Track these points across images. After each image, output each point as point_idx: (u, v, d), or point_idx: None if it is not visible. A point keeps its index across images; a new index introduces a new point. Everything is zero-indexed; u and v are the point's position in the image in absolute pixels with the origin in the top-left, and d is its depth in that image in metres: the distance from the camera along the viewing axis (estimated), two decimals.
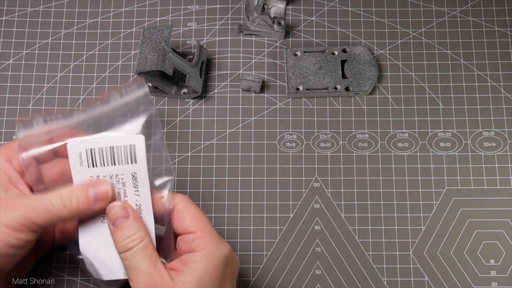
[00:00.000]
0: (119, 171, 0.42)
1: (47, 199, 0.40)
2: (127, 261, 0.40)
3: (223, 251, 0.41)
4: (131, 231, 0.41)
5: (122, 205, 0.41)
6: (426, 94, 0.56)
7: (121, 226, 0.41)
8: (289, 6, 0.59)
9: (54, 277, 0.51)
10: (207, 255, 0.40)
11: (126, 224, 0.41)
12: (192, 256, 0.40)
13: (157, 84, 0.54)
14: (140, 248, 0.40)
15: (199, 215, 0.42)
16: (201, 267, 0.40)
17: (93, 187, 0.41)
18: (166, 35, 0.52)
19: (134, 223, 0.41)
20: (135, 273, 0.39)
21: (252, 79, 0.55)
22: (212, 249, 0.41)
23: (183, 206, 0.42)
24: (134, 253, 0.40)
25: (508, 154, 0.54)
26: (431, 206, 0.53)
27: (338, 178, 0.54)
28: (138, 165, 0.41)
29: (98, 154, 0.41)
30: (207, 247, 0.40)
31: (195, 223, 0.42)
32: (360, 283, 0.51)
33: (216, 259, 0.40)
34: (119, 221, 0.41)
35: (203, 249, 0.40)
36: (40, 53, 0.57)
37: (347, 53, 0.56)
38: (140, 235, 0.41)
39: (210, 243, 0.41)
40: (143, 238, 0.40)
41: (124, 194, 0.42)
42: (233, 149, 0.54)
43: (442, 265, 0.51)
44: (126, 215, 0.41)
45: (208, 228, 0.42)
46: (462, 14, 0.58)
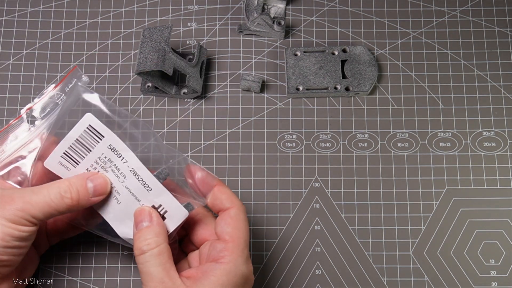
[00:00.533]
0: (98, 152, 0.43)
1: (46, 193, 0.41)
2: (141, 265, 0.40)
3: (245, 272, 0.41)
4: (149, 235, 0.41)
5: (148, 210, 0.42)
6: (426, 94, 0.56)
7: (141, 228, 0.41)
8: (289, 6, 0.59)
9: (54, 277, 0.51)
10: (230, 270, 0.40)
11: (146, 227, 0.41)
12: (213, 267, 0.40)
13: (157, 84, 0.54)
14: (154, 253, 0.40)
15: (242, 230, 0.42)
16: (220, 281, 0.39)
17: (92, 180, 0.42)
18: (166, 35, 0.52)
19: (153, 227, 0.41)
20: (147, 278, 0.39)
21: (252, 79, 0.55)
22: (236, 267, 0.40)
23: (234, 214, 0.42)
24: (147, 257, 0.40)
25: (508, 154, 0.54)
26: (431, 206, 0.53)
27: (338, 178, 0.54)
28: (106, 137, 0.43)
29: (73, 152, 0.43)
30: (231, 262, 0.40)
31: (234, 234, 0.41)
32: (360, 283, 0.51)
33: (237, 277, 0.40)
34: (141, 224, 0.41)
35: (227, 263, 0.40)
36: (40, 53, 0.57)
37: (347, 53, 0.56)
38: (156, 240, 0.40)
39: (237, 260, 0.40)
40: (158, 244, 0.40)
41: (116, 168, 0.43)
42: (233, 149, 0.54)
43: (442, 265, 0.51)
44: (150, 220, 0.41)
45: (242, 245, 0.41)
46: (462, 14, 0.58)
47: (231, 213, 0.42)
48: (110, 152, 0.43)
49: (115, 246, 0.52)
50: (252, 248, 0.52)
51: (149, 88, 0.56)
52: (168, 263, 0.40)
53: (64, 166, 0.43)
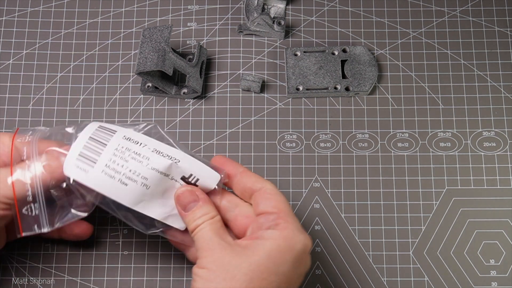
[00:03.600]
0: (114, 144, 0.41)
1: None
2: (197, 236, 0.40)
3: (303, 238, 0.39)
4: (199, 213, 0.41)
5: (190, 190, 0.42)
6: (426, 94, 0.56)
7: (193, 209, 0.41)
8: (289, 6, 0.59)
9: (54, 277, 0.51)
10: (286, 235, 0.39)
11: (198, 206, 0.41)
12: (270, 232, 0.39)
13: (157, 84, 0.54)
14: (208, 223, 0.40)
15: (285, 202, 0.41)
16: (276, 242, 0.38)
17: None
18: (166, 35, 0.52)
19: (204, 204, 0.41)
20: (203, 243, 0.39)
21: (252, 79, 0.55)
22: (293, 233, 0.39)
23: (270, 189, 0.41)
24: (203, 226, 0.40)
25: (508, 154, 0.54)
26: (431, 206, 0.53)
27: (338, 178, 0.54)
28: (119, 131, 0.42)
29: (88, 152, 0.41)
30: (289, 228, 0.39)
31: (280, 207, 0.40)
32: (360, 283, 0.51)
33: (295, 243, 0.39)
34: (190, 205, 0.41)
35: (284, 229, 0.39)
36: (40, 53, 0.57)
37: (347, 53, 0.56)
38: (210, 214, 0.41)
39: (292, 225, 0.39)
40: (213, 216, 0.41)
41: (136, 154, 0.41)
42: (233, 149, 0.54)
43: (442, 265, 0.51)
44: (196, 199, 0.41)
45: (292, 216, 0.40)
46: (462, 14, 0.58)
47: (267, 190, 0.41)
48: (126, 141, 0.41)
49: (115, 246, 0.52)
50: None
51: (149, 88, 0.56)
52: (222, 229, 0.40)
53: (82, 169, 0.41)
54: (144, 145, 0.42)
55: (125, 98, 0.56)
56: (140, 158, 0.41)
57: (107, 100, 0.56)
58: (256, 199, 0.42)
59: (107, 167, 0.41)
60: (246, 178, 0.42)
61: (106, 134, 0.41)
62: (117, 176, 0.41)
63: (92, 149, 0.41)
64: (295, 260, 0.39)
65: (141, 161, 0.41)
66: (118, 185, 0.41)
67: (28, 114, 0.55)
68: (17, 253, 0.51)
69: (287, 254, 0.38)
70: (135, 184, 0.41)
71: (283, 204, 0.41)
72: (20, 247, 0.51)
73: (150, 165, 0.41)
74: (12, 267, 0.51)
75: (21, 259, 0.51)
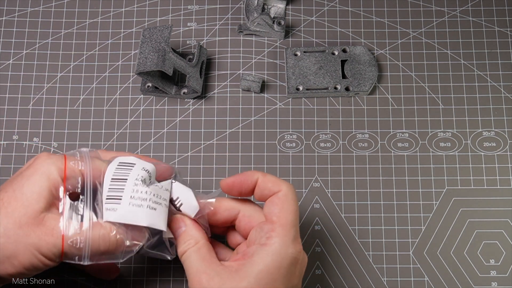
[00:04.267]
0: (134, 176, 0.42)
1: None
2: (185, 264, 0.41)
3: (292, 252, 0.40)
4: (186, 237, 0.42)
5: (179, 217, 0.43)
6: (426, 94, 0.56)
7: (179, 234, 0.42)
8: (289, 6, 0.59)
9: (54, 277, 0.51)
10: (274, 251, 0.39)
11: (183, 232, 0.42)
12: (258, 249, 0.39)
13: (157, 84, 0.54)
14: (194, 249, 0.41)
15: (290, 210, 0.41)
16: (263, 262, 0.38)
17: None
18: (166, 35, 0.52)
19: (188, 229, 0.42)
20: (192, 273, 0.40)
21: (252, 79, 0.55)
22: (281, 247, 0.39)
23: (282, 194, 0.41)
24: (188, 254, 0.41)
25: (508, 154, 0.54)
26: (431, 206, 0.53)
27: (338, 178, 0.54)
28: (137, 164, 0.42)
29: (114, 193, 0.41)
30: (277, 243, 0.39)
31: (280, 215, 0.41)
32: (360, 283, 0.51)
33: (282, 258, 0.39)
34: (178, 230, 0.43)
35: (272, 245, 0.39)
36: (40, 53, 0.57)
37: (347, 53, 0.56)
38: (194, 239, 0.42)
39: (282, 240, 0.39)
40: (197, 241, 0.41)
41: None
42: (233, 149, 0.54)
43: (442, 265, 0.51)
44: (180, 226, 0.43)
45: (288, 226, 0.40)
46: (462, 14, 0.58)
47: (279, 195, 0.41)
48: (144, 172, 0.42)
49: None
50: None
51: (149, 88, 0.56)
52: (208, 255, 0.40)
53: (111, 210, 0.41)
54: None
55: (125, 98, 0.56)
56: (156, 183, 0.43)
57: (107, 100, 0.56)
58: (267, 202, 0.42)
59: (133, 199, 0.41)
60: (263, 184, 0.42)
61: (125, 170, 0.42)
62: (144, 203, 0.41)
63: (116, 188, 0.41)
64: (285, 275, 0.39)
65: (157, 184, 0.42)
66: (148, 211, 0.41)
67: (28, 114, 0.55)
68: None
69: (276, 273, 0.39)
70: (160, 206, 0.42)
71: (286, 212, 0.41)
72: None
73: (164, 187, 0.43)
74: None
75: None
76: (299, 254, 0.41)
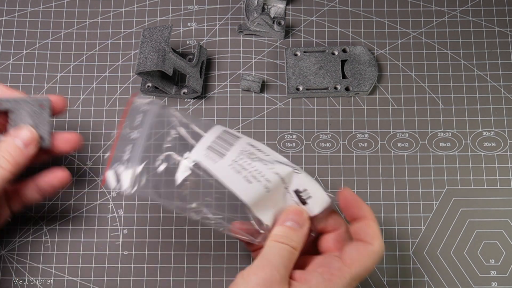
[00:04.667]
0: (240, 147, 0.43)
1: None
2: (268, 249, 0.40)
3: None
4: (294, 236, 0.41)
5: (306, 216, 0.42)
6: (426, 94, 0.56)
7: (291, 227, 0.41)
8: (289, 6, 0.59)
9: (54, 277, 0.51)
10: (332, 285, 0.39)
11: (296, 229, 0.41)
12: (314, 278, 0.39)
13: (157, 84, 0.54)
14: (288, 249, 0.40)
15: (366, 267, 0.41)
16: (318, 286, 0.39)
17: (17, 136, 0.43)
18: (166, 35, 0.52)
19: (302, 232, 0.41)
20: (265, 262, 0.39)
21: (252, 79, 0.55)
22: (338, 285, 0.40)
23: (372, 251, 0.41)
24: (281, 249, 0.40)
25: (508, 154, 0.54)
26: (431, 206, 0.53)
27: (338, 178, 0.54)
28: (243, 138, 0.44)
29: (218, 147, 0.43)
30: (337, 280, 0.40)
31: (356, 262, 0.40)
32: (360, 283, 0.51)
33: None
34: (293, 222, 0.41)
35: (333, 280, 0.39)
36: (40, 53, 0.57)
37: (347, 53, 0.56)
38: (297, 243, 0.41)
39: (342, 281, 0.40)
40: (296, 247, 0.41)
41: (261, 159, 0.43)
42: None
43: (442, 265, 0.51)
44: (300, 223, 0.42)
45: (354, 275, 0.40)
46: (462, 14, 0.58)
47: (369, 249, 0.41)
48: (251, 147, 0.43)
49: (115, 246, 0.52)
50: None
51: (149, 88, 0.56)
52: (289, 266, 0.40)
53: (211, 159, 0.42)
54: (268, 154, 0.43)
55: (125, 98, 0.56)
56: (265, 162, 0.43)
57: (107, 100, 0.56)
58: (355, 243, 0.42)
59: (235, 162, 0.42)
60: (366, 227, 0.42)
61: (232, 138, 0.43)
62: (243, 172, 0.42)
63: (221, 145, 0.43)
64: None
65: (266, 164, 0.42)
66: (243, 181, 0.42)
67: None
68: (17, 253, 0.51)
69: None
70: (259, 183, 0.42)
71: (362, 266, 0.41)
72: (20, 247, 0.51)
73: (274, 169, 0.42)
74: (12, 267, 0.51)
75: (21, 259, 0.51)
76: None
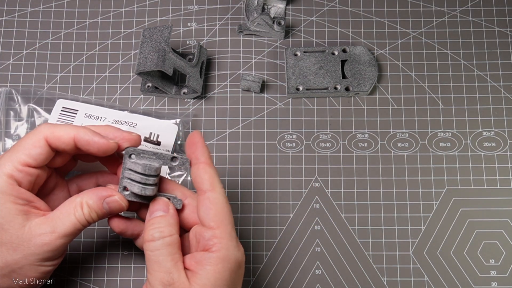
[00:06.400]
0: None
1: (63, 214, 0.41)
2: (149, 252, 0.40)
3: (237, 255, 0.40)
4: (162, 223, 0.41)
5: (165, 201, 0.42)
6: (426, 94, 0.56)
7: (155, 216, 0.41)
8: (289, 6, 0.59)
9: (54, 277, 0.51)
10: (223, 257, 0.40)
11: (160, 216, 0.41)
12: (207, 257, 0.40)
13: (157, 84, 0.54)
14: (166, 242, 0.40)
15: (225, 213, 0.41)
16: (215, 269, 0.39)
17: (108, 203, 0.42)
18: (166, 35, 0.52)
19: (168, 217, 0.41)
20: (154, 266, 0.39)
21: (252, 79, 0.55)
22: (228, 252, 0.40)
23: (214, 197, 0.41)
24: (159, 245, 0.40)
25: (508, 154, 0.54)
26: (431, 206, 0.53)
27: (338, 178, 0.54)
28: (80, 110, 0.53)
29: None
30: (223, 249, 0.40)
31: (218, 219, 0.41)
32: (360, 283, 0.51)
33: (231, 262, 0.40)
34: (156, 212, 0.42)
35: (219, 251, 0.40)
36: (40, 53, 0.57)
37: (347, 53, 0.56)
38: (169, 229, 0.40)
39: (227, 245, 0.40)
40: (172, 233, 0.40)
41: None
42: (233, 149, 0.54)
43: (442, 265, 0.51)
44: (166, 210, 0.42)
45: (228, 229, 0.41)
46: (462, 14, 0.58)
47: (210, 197, 0.41)
48: (86, 119, 0.49)
49: (115, 246, 0.52)
50: (252, 248, 0.52)
51: (149, 88, 0.56)
52: (177, 254, 0.40)
53: None
54: (104, 118, 0.49)
55: (125, 98, 0.56)
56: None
57: (107, 100, 0.56)
58: (199, 203, 0.42)
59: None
60: (202, 172, 0.42)
61: (69, 117, 0.50)
62: None
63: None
64: (236, 273, 0.40)
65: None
66: None
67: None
68: None
69: (228, 274, 0.40)
70: None
71: (222, 216, 0.41)
72: None
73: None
74: None
75: None
76: (243, 256, 0.41)
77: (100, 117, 0.51)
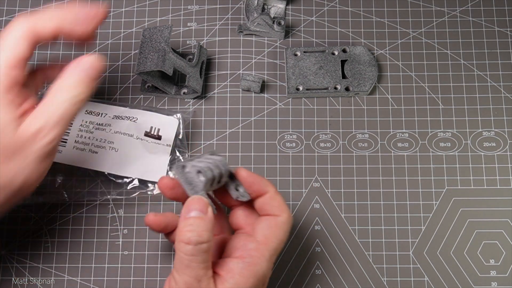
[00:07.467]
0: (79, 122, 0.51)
1: None
2: (183, 255, 0.38)
3: (267, 274, 0.41)
4: (201, 227, 0.38)
5: (205, 202, 0.40)
6: (426, 94, 0.56)
7: (194, 216, 0.39)
8: (289, 6, 0.59)
9: (54, 277, 0.51)
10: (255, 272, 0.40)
11: (199, 217, 0.39)
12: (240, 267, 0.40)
13: (157, 84, 0.54)
14: (202, 248, 0.38)
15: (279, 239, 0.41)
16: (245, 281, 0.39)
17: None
18: (166, 35, 0.52)
19: (207, 221, 0.39)
20: (185, 270, 0.38)
21: (252, 79, 0.55)
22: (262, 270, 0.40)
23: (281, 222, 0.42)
24: (195, 251, 0.38)
25: (508, 154, 0.54)
26: (431, 206, 0.53)
27: (338, 178, 0.54)
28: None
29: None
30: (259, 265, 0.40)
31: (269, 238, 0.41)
32: (360, 283, 0.51)
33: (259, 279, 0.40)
34: (195, 212, 0.39)
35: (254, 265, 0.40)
36: (40, 53, 0.57)
37: (347, 53, 0.56)
38: (208, 235, 0.38)
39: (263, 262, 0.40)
40: (209, 240, 0.38)
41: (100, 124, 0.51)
42: (233, 149, 0.54)
43: (442, 265, 0.51)
44: (205, 211, 0.39)
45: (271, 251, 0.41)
46: (462, 14, 0.58)
47: (277, 220, 0.42)
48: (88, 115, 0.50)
49: (115, 246, 0.52)
50: None
51: (149, 88, 0.56)
52: (209, 262, 0.39)
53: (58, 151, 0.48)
54: (105, 114, 0.51)
55: (125, 98, 0.56)
56: (103, 126, 0.50)
57: (107, 100, 0.56)
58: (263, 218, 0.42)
59: (77, 143, 0.50)
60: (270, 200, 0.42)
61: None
62: (86, 148, 0.49)
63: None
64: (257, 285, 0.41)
65: (104, 128, 0.50)
66: (90, 155, 0.49)
67: None
68: (17, 253, 0.51)
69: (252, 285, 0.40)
70: (104, 150, 0.49)
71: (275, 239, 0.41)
72: (20, 247, 0.51)
73: (112, 129, 0.49)
74: (12, 267, 0.51)
75: (21, 259, 0.51)
76: (269, 274, 0.42)
77: (100, 113, 0.51)
